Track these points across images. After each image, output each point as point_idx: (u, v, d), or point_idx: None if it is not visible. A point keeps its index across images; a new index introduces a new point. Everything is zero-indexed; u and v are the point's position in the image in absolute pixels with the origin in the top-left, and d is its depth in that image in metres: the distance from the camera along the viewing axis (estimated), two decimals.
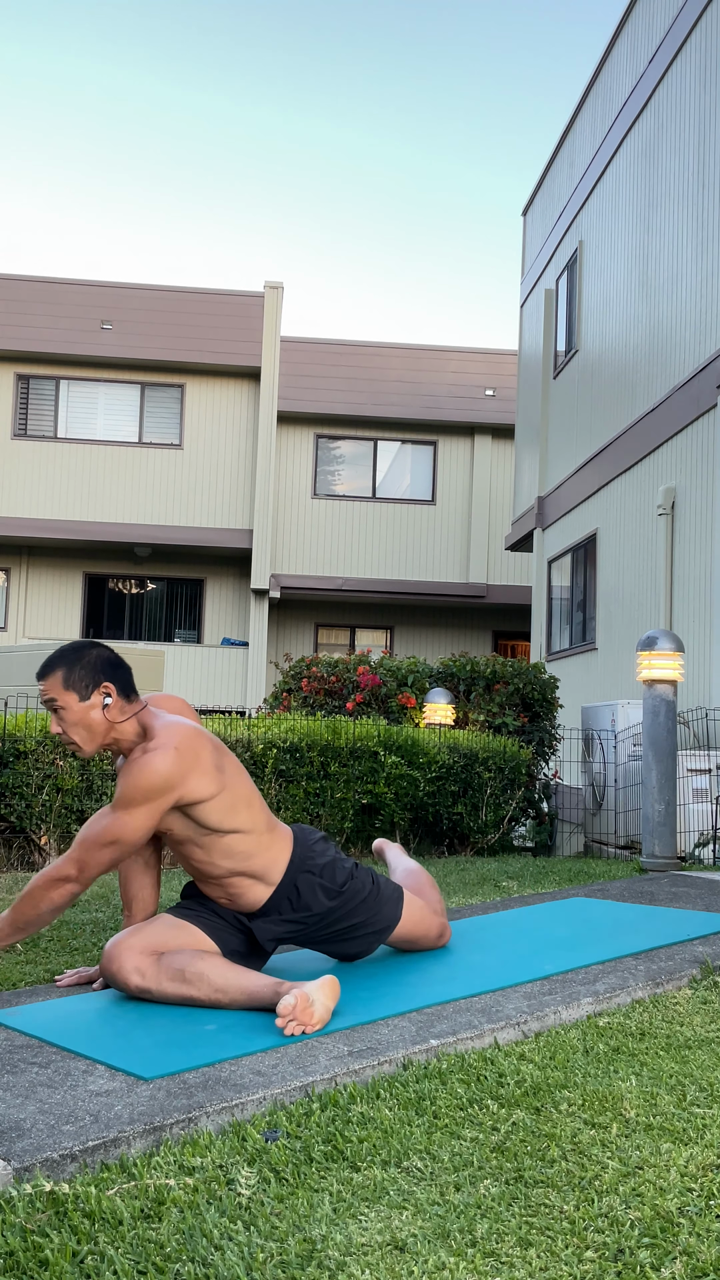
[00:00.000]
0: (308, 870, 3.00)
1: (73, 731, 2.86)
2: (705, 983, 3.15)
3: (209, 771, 2.83)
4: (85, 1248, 1.63)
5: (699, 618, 8.66)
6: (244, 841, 2.90)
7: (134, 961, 2.77)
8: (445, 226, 46.84)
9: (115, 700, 2.86)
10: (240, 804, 2.90)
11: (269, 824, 2.99)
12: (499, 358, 19.06)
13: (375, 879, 3.15)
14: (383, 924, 3.15)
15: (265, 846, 2.95)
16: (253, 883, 2.95)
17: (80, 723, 2.85)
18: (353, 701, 7.82)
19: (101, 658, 2.90)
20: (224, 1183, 1.85)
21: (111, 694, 2.86)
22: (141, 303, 17.58)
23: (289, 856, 3.00)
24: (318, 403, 18.64)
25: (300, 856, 3.01)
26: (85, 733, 2.86)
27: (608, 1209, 1.75)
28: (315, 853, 3.05)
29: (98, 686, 2.86)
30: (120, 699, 2.88)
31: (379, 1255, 1.61)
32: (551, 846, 7.62)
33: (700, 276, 8.90)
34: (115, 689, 2.87)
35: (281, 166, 46.98)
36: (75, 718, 2.85)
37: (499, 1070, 2.38)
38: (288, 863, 2.99)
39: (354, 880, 3.07)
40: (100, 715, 2.85)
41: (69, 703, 2.85)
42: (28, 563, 18.21)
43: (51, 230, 46.91)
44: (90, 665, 2.87)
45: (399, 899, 3.20)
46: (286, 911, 2.99)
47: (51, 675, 2.86)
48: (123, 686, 2.89)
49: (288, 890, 2.98)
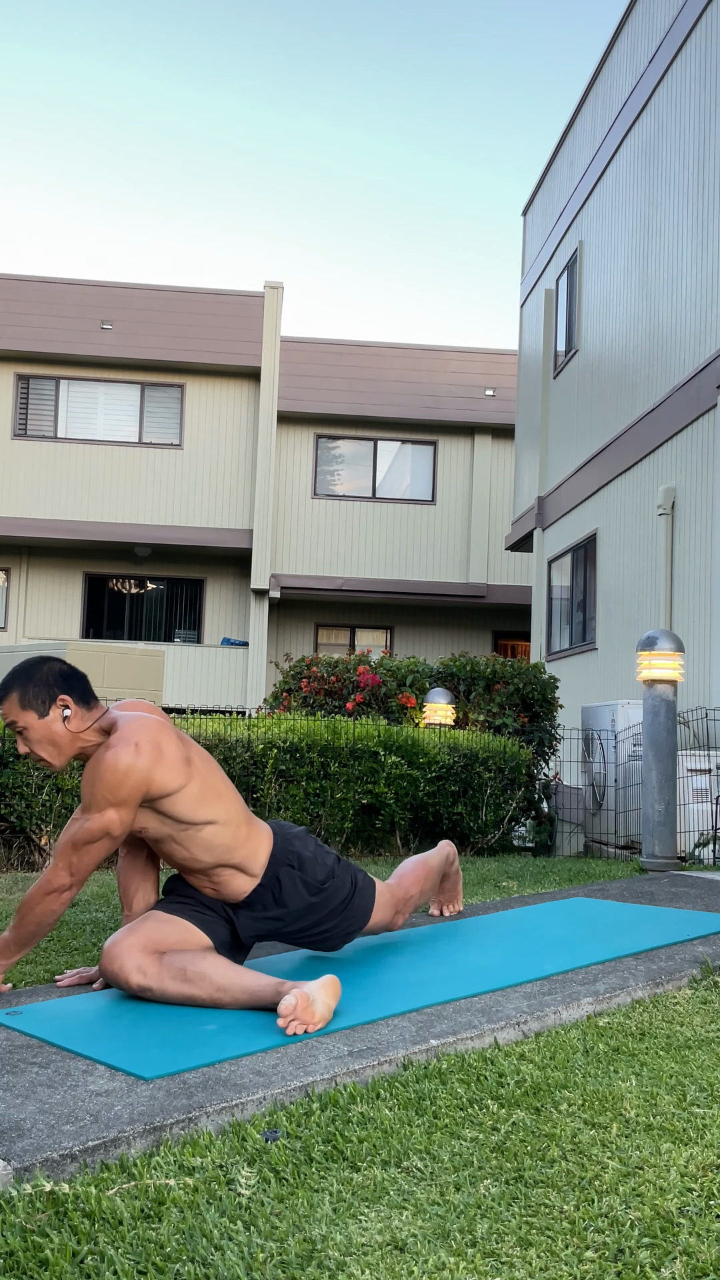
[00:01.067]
0: (289, 864, 3.04)
1: (40, 749, 2.89)
2: (705, 983, 3.15)
3: (175, 763, 2.85)
4: (85, 1248, 1.63)
5: (699, 618, 8.66)
6: (221, 833, 2.93)
7: (136, 960, 2.78)
8: (445, 226, 46.85)
9: (75, 710, 2.89)
10: (211, 794, 2.92)
11: (245, 816, 3.02)
12: (499, 358, 19.06)
13: (354, 879, 3.19)
14: (355, 926, 3.21)
15: (244, 838, 2.98)
16: (234, 873, 2.98)
17: (45, 739, 2.88)
18: (353, 701, 7.82)
19: (53, 671, 2.91)
20: (224, 1183, 1.85)
21: (69, 705, 2.88)
22: (141, 303, 17.58)
23: (269, 849, 3.03)
24: (318, 403, 18.64)
25: (281, 849, 3.05)
26: (52, 748, 2.89)
27: (608, 1209, 1.75)
28: (295, 845, 3.09)
29: (54, 701, 2.88)
30: (79, 708, 2.90)
31: (379, 1255, 1.61)
32: (551, 846, 7.62)
33: (700, 276, 8.90)
34: (72, 699, 2.89)
35: (282, 166, 46.99)
36: (39, 735, 2.87)
37: (499, 1070, 2.38)
38: (269, 855, 3.02)
39: (334, 879, 3.11)
40: (63, 728, 2.88)
41: (29, 722, 2.87)
42: (28, 563, 18.21)
43: (51, 230, 46.91)
44: (43, 681, 2.89)
45: (372, 898, 3.25)
46: (270, 906, 3.03)
47: (7, 698, 2.88)
48: (79, 696, 2.91)
49: (270, 883, 3.01)
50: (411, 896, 3.51)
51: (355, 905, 3.17)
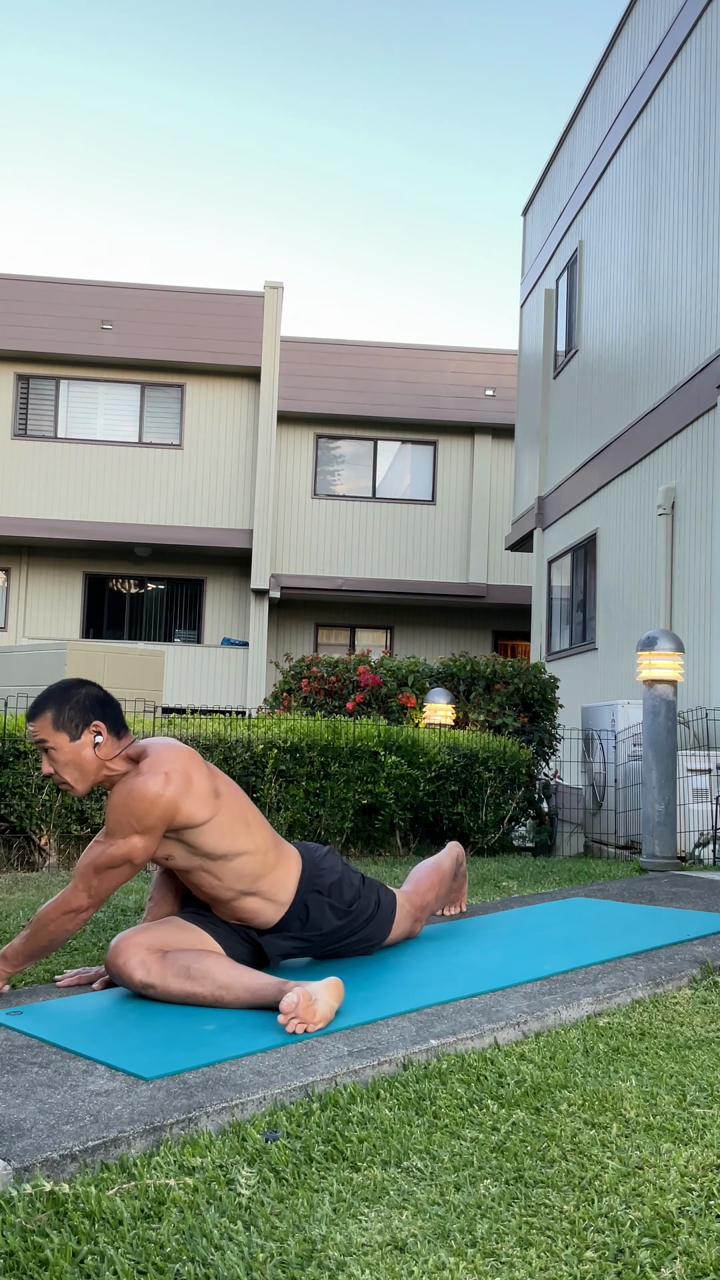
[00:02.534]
0: (316, 890, 3.04)
1: (64, 772, 2.86)
2: (705, 983, 3.15)
3: (203, 795, 2.83)
4: (85, 1248, 1.63)
5: (699, 618, 8.66)
6: (250, 863, 2.91)
7: (140, 956, 2.79)
8: (445, 226, 46.85)
9: (106, 738, 2.87)
10: (238, 824, 2.90)
11: (273, 842, 2.99)
12: (499, 358, 19.05)
13: (378, 898, 3.23)
14: (378, 938, 3.25)
15: (271, 865, 2.96)
16: (264, 904, 2.97)
17: (72, 762, 2.85)
18: (353, 701, 7.82)
19: (91, 696, 2.90)
20: (224, 1183, 1.85)
21: (102, 732, 2.86)
22: (141, 303, 17.58)
23: (298, 875, 3.02)
24: (318, 403, 18.64)
25: (309, 875, 3.04)
26: (77, 772, 2.86)
27: (608, 1209, 1.75)
28: (323, 871, 3.09)
29: (88, 726, 2.86)
30: (110, 736, 2.88)
31: (379, 1255, 1.61)
32: (551, 846, 7.62)
33: (700, 276, 8.90)
34: (105, 727, 2.87)
35: (282, 167, 46.99)
36: (67, 758, 2.85)
37: (499, 1070, 2.38)
38: (297, 882, 3.01)
39: (360, 899, 3.15)
40: (92, 754, 2.85)
41: (60, 743, 2.85)
42: (28, 563, 18.21)
43: (51, 230, 46.91)
44: (80, 705, 2.87)
45: (393, 913, 3.29)
46: (296, 929, 3.04)
47: (41, 716, 2.86)
48: (112, 724, 2.89)
49: (298, 910, 3.02)
50: (429, 903, 3.54)
51: (378, 921, 3.21)
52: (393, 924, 3.28)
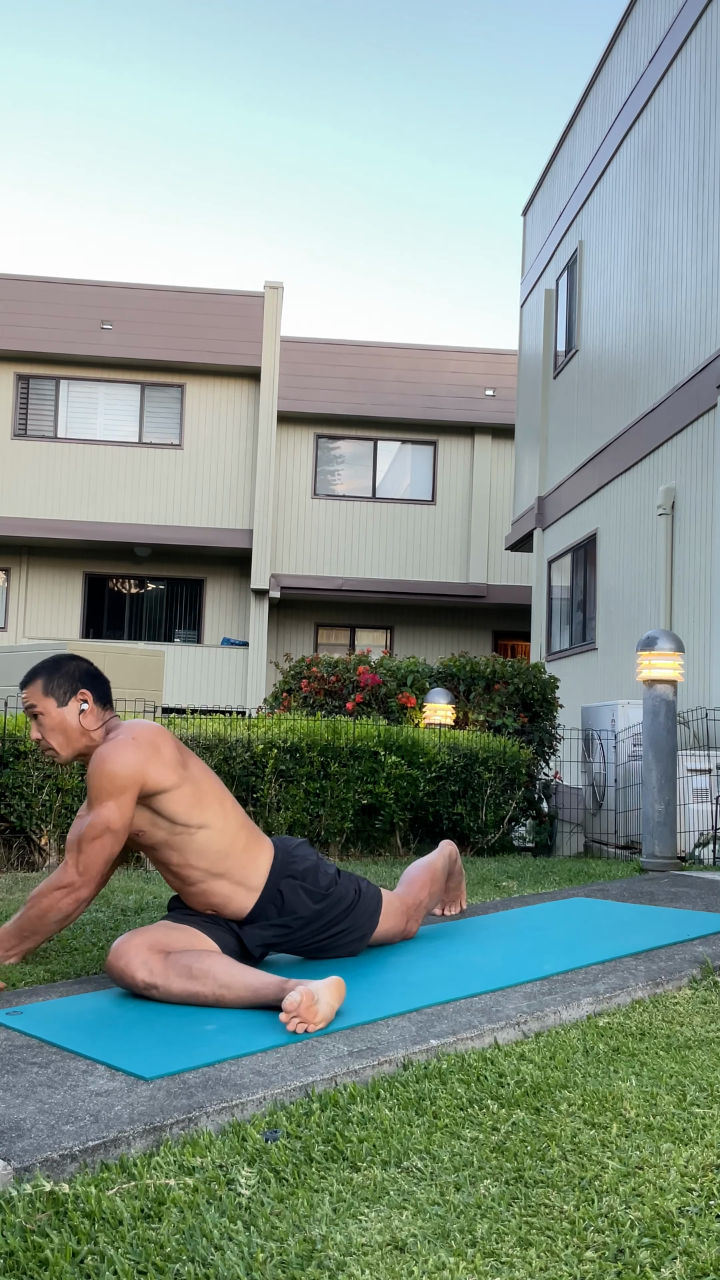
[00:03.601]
0: (290, 875, 3.07)
1: (50, 736, 3.01)
2: (705, 983, 3.15)
3: (169, 763, 2.94)
4: (85, 1248, 1.63)
5: (699, 618, 8.66)
6: (216, 839, 2.97)
7: (142, 957, 2.80)
8: (445, 227, 46.85)
9: (91, 707, 3.03)
10: (206, 798, 2.98)
11: (242, 825, 3.06)
12: (499, 358, 19.05)
13: (358, 887, 3.23)
14: (363, 931, 3.24)
15: (240, 847, 3.01)
16: (234, 888, 3.01)
17: (58, 727, 3.00)
18: (353, 701, 7.82)
19: (80, 669, 3.06)
20: (224, 1183, 1.85)
21: (88, 700, 3.03)
22: (141, 303, 17.58)
23: (269, 861, 3.07)
24: (318, 403, 18.64)
25: (282, 862, 3.09)
26: (62, 738, 3.01)
27: (608, 1209, 1.75)
28: (296, 858, 3.12)
29: (75, 694, 3.02)
30: (96, 706, 3.04)
31: (379, 1255, 1.61)
32: (551, 846, 7.62)
33: (700, 276, 8.90)
34: (92, 697, 3.03)
35: (282, 168, 46.99)
36: (53, 723, 3.00)
37: (499, 1070, 2.38)
38: (269, 868, 3.06)
39: (337, 886, 3.15)
40: (77, 721, 3.01)
41: (48, 708, 3.00)
42: (28, 563, 18.21)
43: (51, 230, 46.91)
44: (69, 674, 3.04)
45: (378, 906, 3.28)
46: (273, 916, 3.05)
47: (33, 683, 3.04)
48: (99, 695, 3.05)
49: (272, 896, 3.04)
50: (422, 901, 3.54)
51: (360, 909, 3.20)
52: (379, 917, 3.27)
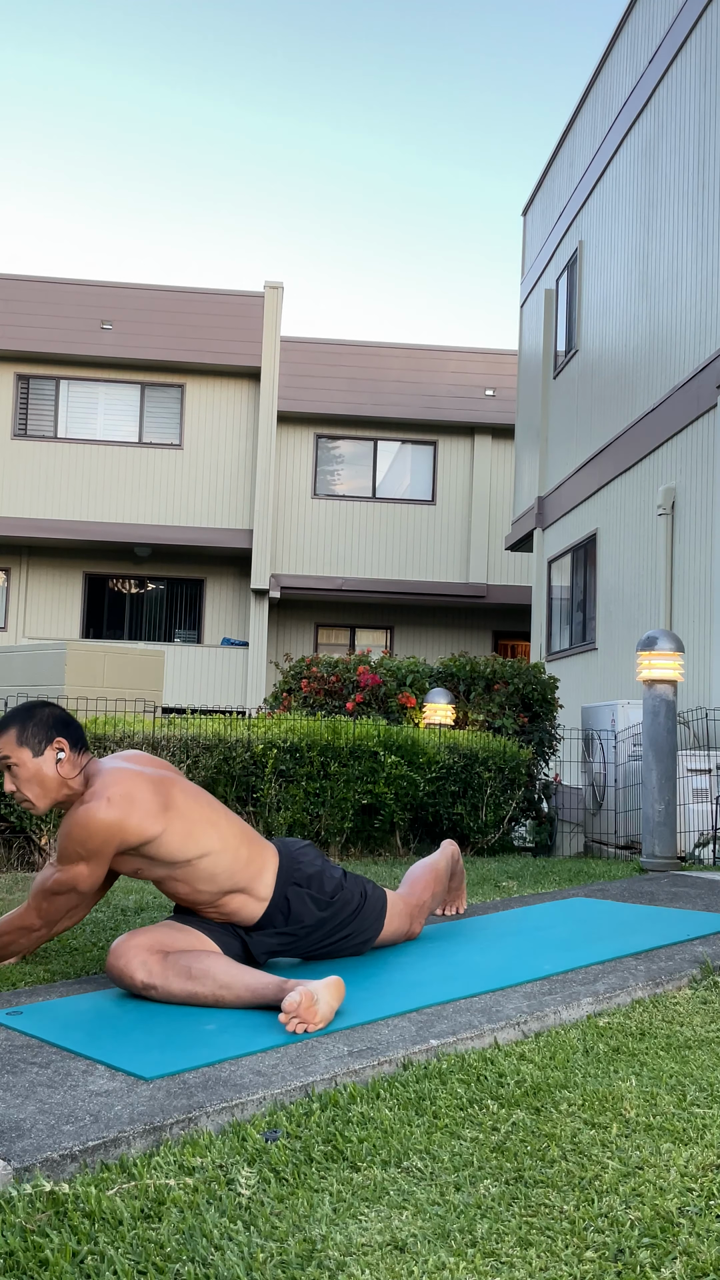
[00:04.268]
0: (295, 882, 3.05)
1: (26, 788, 2.90)
2: (705, 983, 3.15)
3: (150, 812, 2.83)
4: (85, 1248, 1.63)
5: (699, 618, 8.66)
6: (218, 862, 2.92)
7: (141, 958, 2.80)
8: (445, 227, 46.85)
9: (68, 755, 2.92)
10: (199, 827, 2.91)
11: (244, 839, 3.00)
12: (499, 358, 19.05)
13: (364, 891, 3.21)
14: (369, 934, 3.23)
15: (245, 861, 2.97)
16: (244, 899, 2.99)
17: (34, 779, 2.90)
18: (353, 701, 7.82)
19: (53, 716, 2.95)
20: (224, 1183, 1.85)
21: (64, 749, 2.91)
22: (141, 303, 17.58)
23: (276, 869, 3.04)
24: (318, 403, 18.64)
25: (287, 868, 3.06)
26: (39, 789, 2.90)
27: (608, 1209, 1.75)
28: (302, 863, 3.09)
29: (50, 742, 2.91)
30: (72, 754, 2.93)
31: (379, 1255, 1.61)
32: (551, 846, 7.62)
33: (700, 276, 8.90)
34: (68, 744, 2.92)
35: (282, 168, 47.00)
36: (29, 774, 2.90)
37: (499, 1070, 2.38)
38: (275, 876, 3.03)
39: (343, 890, 3.13)
40: (54, 771, 2.90)
41: (23, 759, 2.89)
42: (28, 563, 18.21)
43: (51, 230, 46.91)
44: (43, 723, 2.92)
45: (383, 909, 3.27)
46: (280, 924, 3.04)
47: (5, 733, 2.91)
48: (74, 742, 2.94)
49: (279, 904, 3.02)
50: (425, 902, 3.53)
51: (366, 913, 3.19)
52: (384, 920, 3.27)
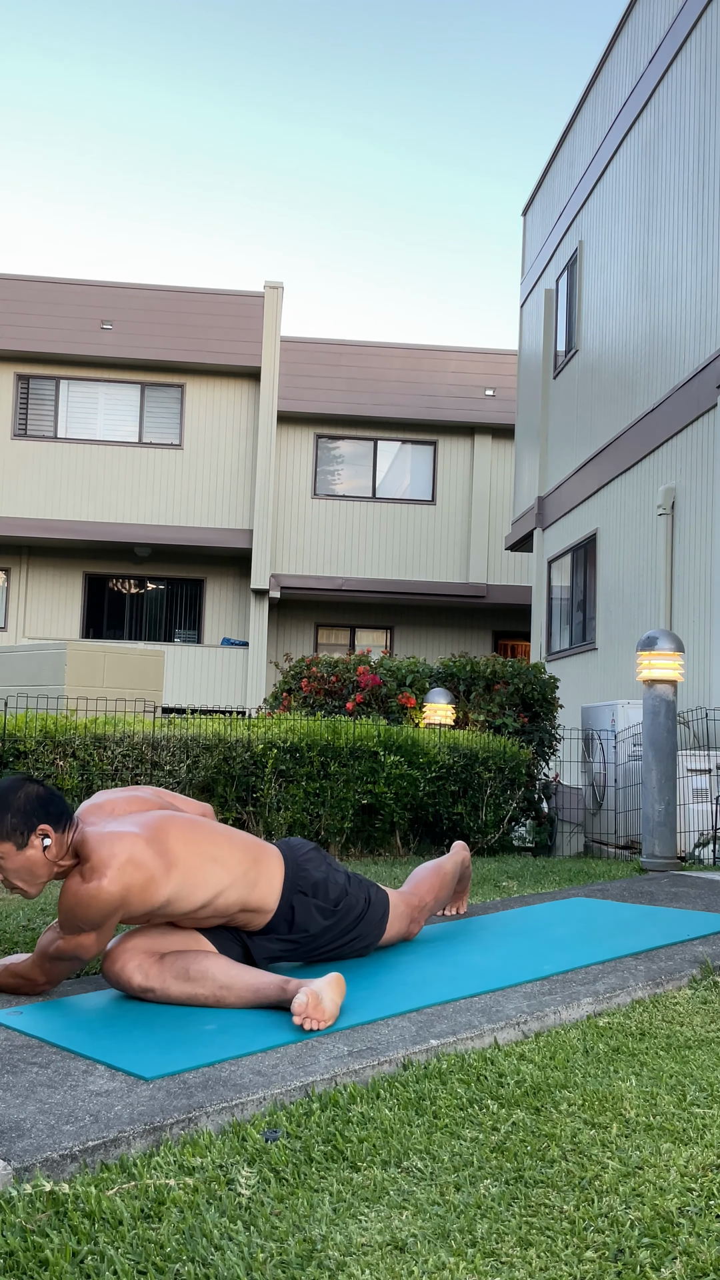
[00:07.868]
0: (300, 890, 3.03)
1: (15, 879, 2.78)
2: (705, 983, 3.15)
3: (156, 877, 2.75)
4: (85, 1248, 1.63)
5: (699, 618, 8.66)
6: (228, 896, 2.89)
7: (137, 961, 2.79)
8: (445, 227, 46.85)
9: (54, 838, 2.77)
10: (204, 869, 2.82)
11: (250, 860, 2.94)
12: (499, 358, 19.05)
13: (368, 895, 3.20)
14: (370, 940, 3.23)
15: (252, 884, 2.93)
16: (252, 915, 2.98)
17: (22, 870, 2.76)
18: (353, 701, 7.82)
19: (31, 797, 2.78)
20: (224, 1183, 1.85)
21: (50, 834, 2.76)
22: (141, 303, 17.58)
23: (281, 879, 3.00)
24: (318, 403, 18.64)
25: (292, 877, 3.03)
26: (29, 876, 2.78)
27: (608, 1209, 1.75)
28: (307, 869, 3.07)
29: (33, 831, 2.75)
30: (58, 836, 2.78)
31: (379, 1255, 1.61)
32: (551, 846, 7.62)
33: (700, 276, 8.90)
34: (52, 828, 2.77)
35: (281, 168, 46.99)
36: (16, 865, 2.76)
37: (499, 1070, 2.38)
38: (281, 885, 3.00)
39: (348, 897, 3.12)
40: (41, 857, 2.76)
41: (7, 852, 2.75)
42: (28, 563, 18.20)
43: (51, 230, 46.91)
44: (21, 811, 2.75)
45: (385, 914, 3.26)
46: (284, 931, 3.04)
47: None
48: (56, 822, 2.78)
49: (284, 913, 3.01)
50: (426, 904, 3.50)
51: (369, 920, 3.19)
52: (385, 924, 3.26)
